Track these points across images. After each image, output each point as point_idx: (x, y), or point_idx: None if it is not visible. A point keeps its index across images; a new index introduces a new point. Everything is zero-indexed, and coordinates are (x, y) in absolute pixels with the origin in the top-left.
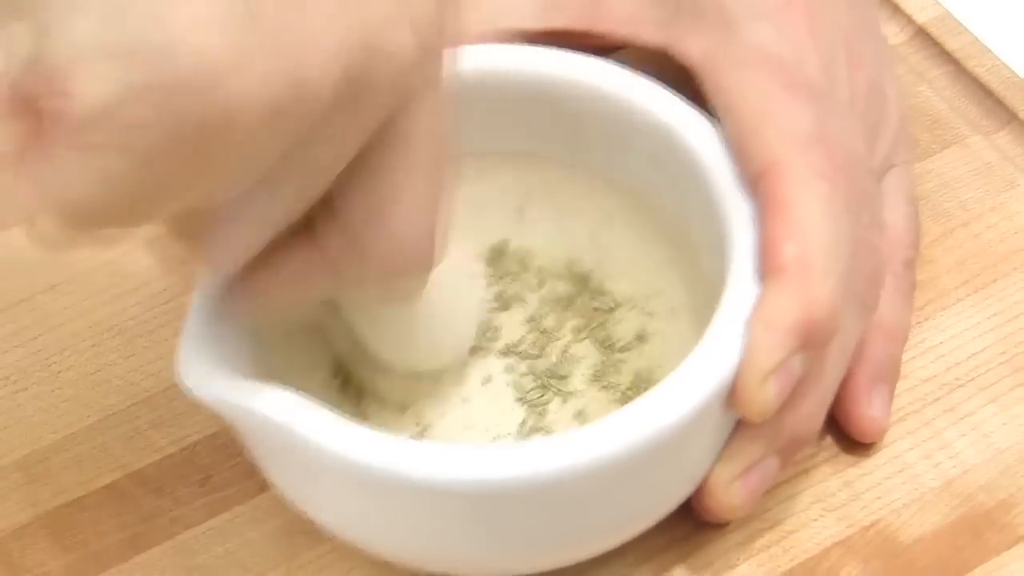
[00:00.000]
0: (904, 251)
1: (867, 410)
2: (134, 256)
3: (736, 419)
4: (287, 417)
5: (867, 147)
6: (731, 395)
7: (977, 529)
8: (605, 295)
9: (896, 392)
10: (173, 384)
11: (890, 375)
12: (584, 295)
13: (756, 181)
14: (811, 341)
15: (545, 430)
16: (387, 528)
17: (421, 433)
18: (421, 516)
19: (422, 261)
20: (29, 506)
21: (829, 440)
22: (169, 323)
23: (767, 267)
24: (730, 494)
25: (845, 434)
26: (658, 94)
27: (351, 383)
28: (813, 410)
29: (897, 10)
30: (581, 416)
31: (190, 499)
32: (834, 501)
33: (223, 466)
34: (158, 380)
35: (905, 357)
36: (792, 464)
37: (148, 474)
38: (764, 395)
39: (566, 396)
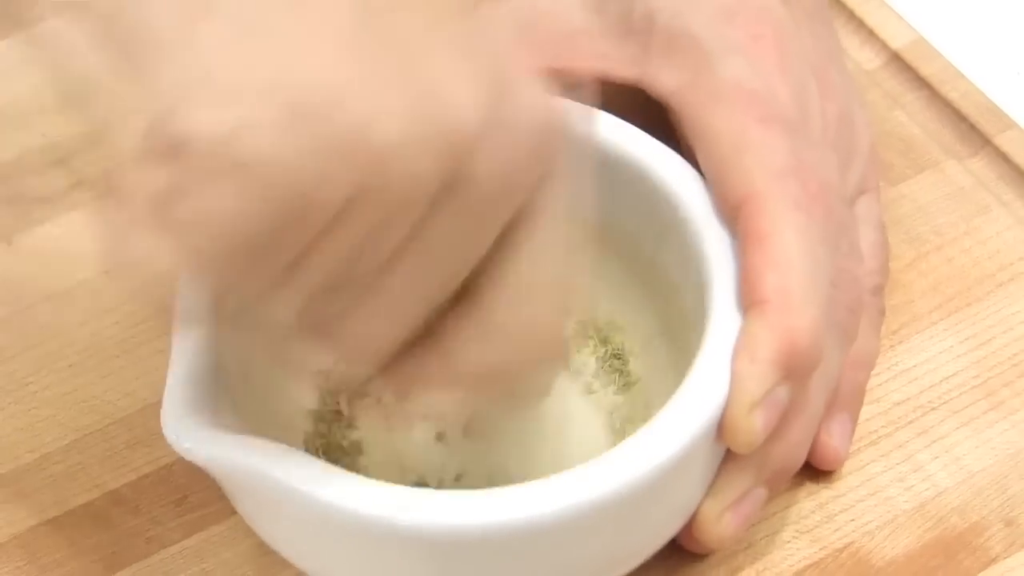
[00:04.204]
0: (872, 277)
1: (826, 438)
2: (111, 276)
3: (724, 452)
4: (271, 466)
5: (840, 176)
6: (719, 428)
7: (950, 551)
8: (577, 326)
9: (869, 415)
10: (149, 404)
11: (853, 404)
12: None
13: (734, 213)
14: (795, 371)
15: None
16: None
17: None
18: (402, 562)
19: (555, 349)
20: (6, 525)
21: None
22: (146, 343)
23: (748, 299)
24: (720, 526)
25: None
26: (628, 132)
27: (330, 435)
28: (799, 439)
29: (872, 35)
30: None
31: (166, 519)
32: (807, 523)
33: (199, 486)
34: (134, 400)
35: (878, 380)
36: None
37: (124, 494)
38: (751, 426)
39: None
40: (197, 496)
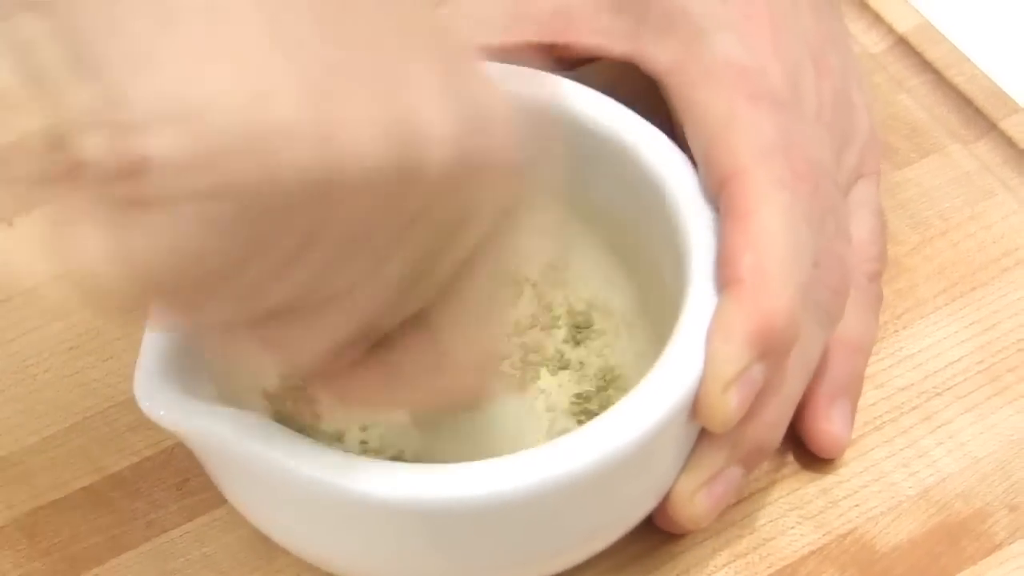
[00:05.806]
0: (869, 263)
1: (826, 426)
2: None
3: (699, 431)
4: (246, 438)
5: (833, 157)
6: (694, 406)
7: (954, 537)
8: (559, 306)
9: (872, 400)
10: None
11: (852, 390)
12: (540, 308)
13: (718, 191)
14: (770, 350)
15: None
16: (349, 547)
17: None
18: (382, 534)
19: (492, 373)
20: (6, 508)
21: (805, 448)
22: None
23: (725, 278)
24: (694, 505)
25: None
26: (613, 109)
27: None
28: (775, 419)
29: (878, 19)
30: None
31: (167, 502)
32: (811, 509)
33: (200, 469)
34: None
35: (882, 365)
36: (762, 473)
37: (125, 477)
38: (726, 405)
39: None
40: (198, 480)
